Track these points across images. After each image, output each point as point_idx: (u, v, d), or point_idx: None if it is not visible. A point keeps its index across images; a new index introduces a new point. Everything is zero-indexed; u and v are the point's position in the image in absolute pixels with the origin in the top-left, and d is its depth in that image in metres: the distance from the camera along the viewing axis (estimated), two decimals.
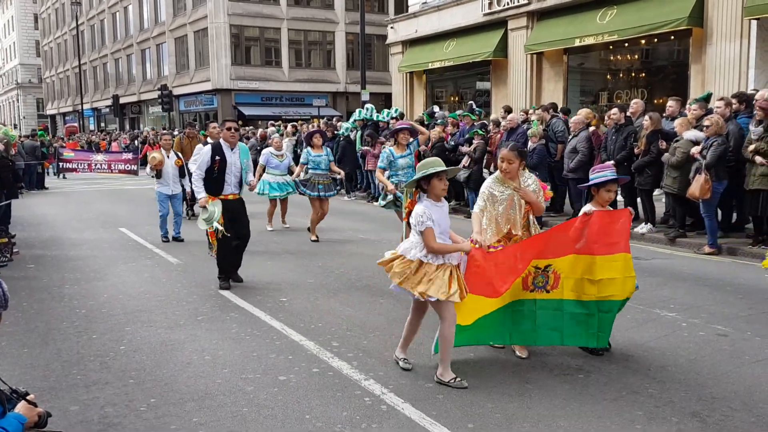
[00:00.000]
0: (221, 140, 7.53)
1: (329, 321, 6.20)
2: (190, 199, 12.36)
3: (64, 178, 26.12)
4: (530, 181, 5.21)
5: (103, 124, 54.69)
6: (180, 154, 11.33)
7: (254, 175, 8.98)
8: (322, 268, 8.55)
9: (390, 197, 9.06)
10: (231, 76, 37.07)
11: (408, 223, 4.68)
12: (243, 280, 7.74)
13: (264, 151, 12.32)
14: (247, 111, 36.97)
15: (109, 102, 48.37)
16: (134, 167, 24.88)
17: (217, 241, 7.37)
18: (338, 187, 11.53)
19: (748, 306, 6.51)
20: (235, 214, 7.53)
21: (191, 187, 10.31)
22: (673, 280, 7.67)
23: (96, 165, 24.87)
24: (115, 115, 47.35)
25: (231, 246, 7.46)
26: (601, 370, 4.86)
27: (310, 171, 10.65)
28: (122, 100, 46.55)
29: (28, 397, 2.71)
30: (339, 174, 11.32)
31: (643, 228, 10.36)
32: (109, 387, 4.67)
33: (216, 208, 7.34)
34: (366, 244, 10.30)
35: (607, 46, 17.60)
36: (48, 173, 25.88)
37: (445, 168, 4.62)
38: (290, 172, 11.79)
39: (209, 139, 9.77)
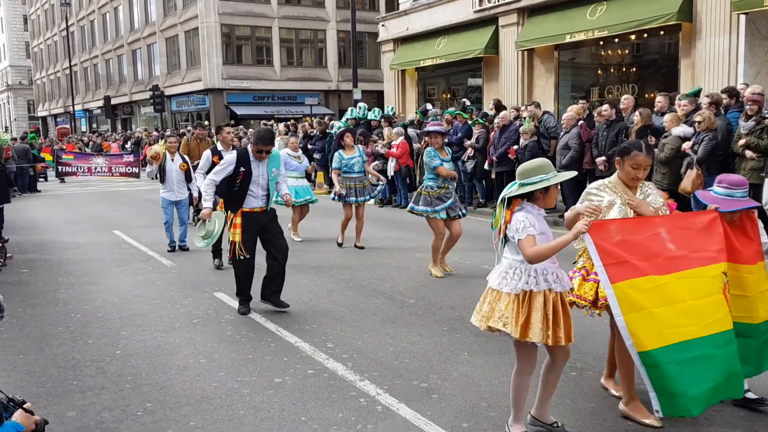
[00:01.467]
0: (249, 148, 6.48)
1: (323, 322, 6.23)
2: (197, 204, 11.66)
3: (62, 182, 25.48)
4: (651, 191, 4.21)
5: (94, 125, 54.48)
6: (186, 158, 10.61)
7: None
8: (315, 268, 8.58)
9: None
10: (222, 76, 36.99)
11: (505, 238, 3.73)
12: (288, 306, 6.63)
13: (281, 153, 11.65)
14: (240, 110, 36.91)
15: (100, 103, 48.19)
16: (136, 169, 24.63)
17: (233, 260, 6.56)
18: (376, 190, 10.39)
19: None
20: (264, 227, 6.51)
21: (198, 191, 9.79)
22: None
23: (96, 168, 24.49)
24: (107, 116, 47.18)
25: (250, 266, 6.53)
26: (594, 368, 4.91)
27: (342, 176, 9.91)
28: (114, 101, 46.38)
29: (24, 406, 2.73)
30: (379, 179, 10.53)
31: None
32: (106, 392, 4.69)
33: (216, 225, 6.79)
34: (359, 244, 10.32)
35: (598, 42, 17.65)
36: (44, 178, 25.50)
37: (568, 174, 3.85)
38: (307, 175, 11.28)
39: (219, 145, 8.80)
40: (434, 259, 8.05)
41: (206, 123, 21.12)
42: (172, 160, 10.21)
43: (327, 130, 18.20)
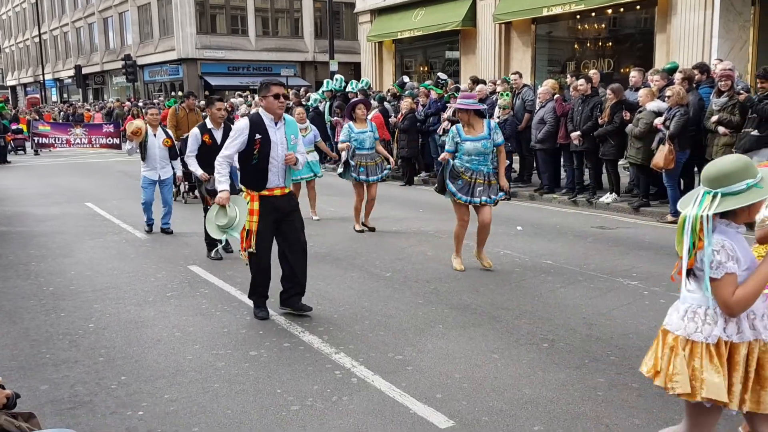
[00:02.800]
0: (261, 111, 5.47)
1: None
2: (188, 181, 10.99)
3: (37, 154, 24.18)
4: None
5: (65, 95, 53.40)
6: (170, 132, 9.60)
7: None
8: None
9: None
10: (196, 45, 36.40)
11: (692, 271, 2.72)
12: (311, 309, 5.63)
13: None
14: (214, 81, 36.40)
15: (71, 72, 47.17)
16: (117, 140, 23.78)
17: (249, 256, 5.53)
18: (387, 168, 9.45)
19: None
20: (284, 216, 5.48)
21: (182, 170, 9.23)
22: (636, 249, 7.85)
23: (75, 139, 23.52)
24: (78, 86, 46.19)
25: (266, 261, 5.54)
26: (566, 339, 5.00)
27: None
28: (85, 71, 45.35)
29: None
30: (387, 159, 9.41)
31: (608, 198, 10.54)
32: (79, 365, 4.67)
33: (237, 211, 5.49)
34: (335, 217, 10.32)
35: (574, 16, 17.66)
36: (23, 150, 24.30)
37: None
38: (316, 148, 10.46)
39: (209, 121, 7.60)
40: (457, 250, 7.17)
41: (215, 94, 20.33)
42: (155, 135, 9.14)
43: (303, 102, 18.02)
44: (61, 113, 32.67)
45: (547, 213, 10.45)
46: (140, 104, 28.90)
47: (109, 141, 23.42)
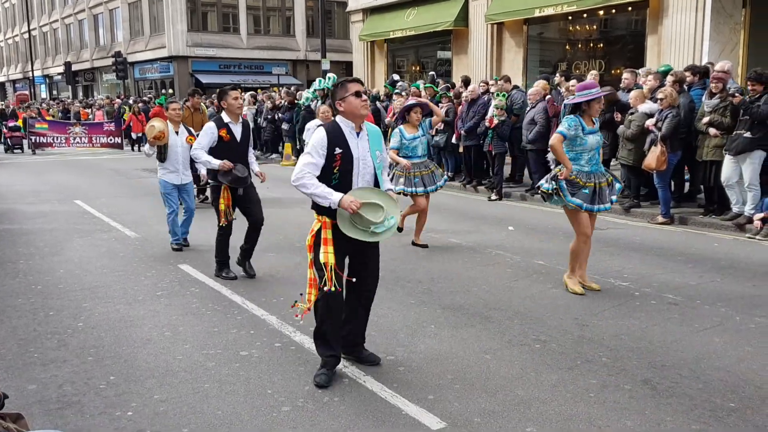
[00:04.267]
0: (339, 119, 4.29)
1: (291, 295, 6.17)
2: (196, 183, 9.88)
3: (33, 153, 22.50)
4: None
5: (55, 92, 53.06)
6: (192, 130, 8.42)
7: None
8: (283, 240, 8.53)
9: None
10: (187, 43, 36.25)
11: None
12: (380, 361, 4.63)
13: (311, 125, 9.55)
14: (205, 79, 36.25)
15: (61, 69, 46.84)
16: (118, 140, 23.05)
17: (318, 297, 4.32)
18: (446, 175, 8.84)
19: (698, 275, 6.73)
20: (359, 250, 4.39)
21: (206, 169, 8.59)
22: (626, 250, 7.86)
23: (74, 138, 22.48)
24: (68, 82, 45.85)
25: (340, 305, 4.40)
26: (557, 340, 4.99)
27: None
28: (75, 67, 45.09)
29: None
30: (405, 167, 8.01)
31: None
32: (68, 365, 4.62)
33: (385, 203, 4.24)
34: None
35: (566, 17, 17.69)
36: (20, 149, 23.08)
37: None
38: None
39: (225, 115, 6.65)
40: (572, 268, 6.29)
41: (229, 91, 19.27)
42: (176, 132, 7.98)
43: (295, 101, 17.98)
44: (60, 112, 31.51)
45: (539, 213, 10.46)
46: (131, 101, 28.65)
47: (111, 140, 22.57)
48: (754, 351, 4.74)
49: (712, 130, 8.86)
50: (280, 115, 18.74)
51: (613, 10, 16.43)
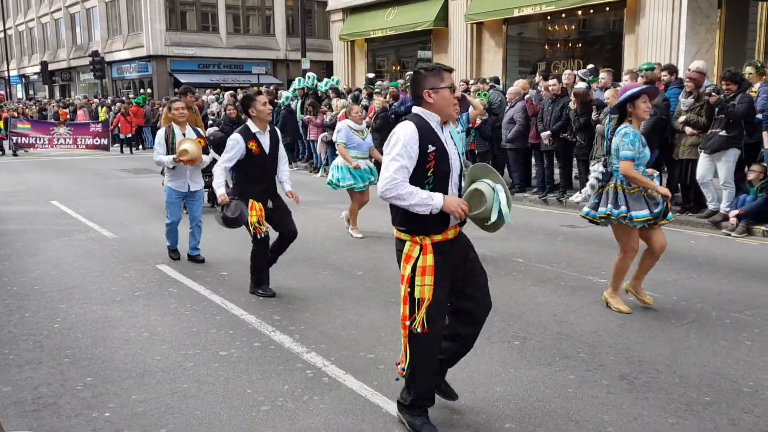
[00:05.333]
0: (422, 111, 3.50)
1: (270, 295, 6.18)
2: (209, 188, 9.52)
3: (14, 155, 21.38)
4: None
5: (31, 92, 52.37)
6: (201, 131, 7.81)
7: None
8: None
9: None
10: (166, 42, 35.94)
11: None
12: (457, 398, 3.94)
13: (341, 125, 8.72)
14: (184, 78, 35.88)
15: (37, 69, 46.27)
16: (105, 141, 22.21)
17: (410, 337, 3.61)
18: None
19: (675, 272, 6.80)
20: (460, 269, 3.67)
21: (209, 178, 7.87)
22: (606, 248, 7.91)
23: (58, 139, 21.54)
24: (44, 82, 45.34)
25: (437, 347, 3.68)
26: (537, 336, 5.02)
27: None
28: (51, 67, 44.61)
29: None
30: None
31: (578, 196, 10.63)
32: (44, 366, 4.56)
33: (497, 187, 3.61)
34: (307, 216, 10.26)
35: (545, 17, 17.81)
36: (0, 151, 22.13)
37: None
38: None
39: (251, 124, 5.96)
40: (614, 285, 5.67)
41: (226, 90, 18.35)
42: (183, 134, 7.32)
43: (275, 100, 17.91)
44: (37, 112, 30.37)
45: (518, 212, 10.51)
46: (109, 100, 28.33)
47: (97, 141, 21.75)
48: (729, 346, 4.81)
49: (688, 129, 8.96)
50: None
51: (591, 10, 16.58)
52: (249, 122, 5.96)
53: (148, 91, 33.23)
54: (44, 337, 5.14)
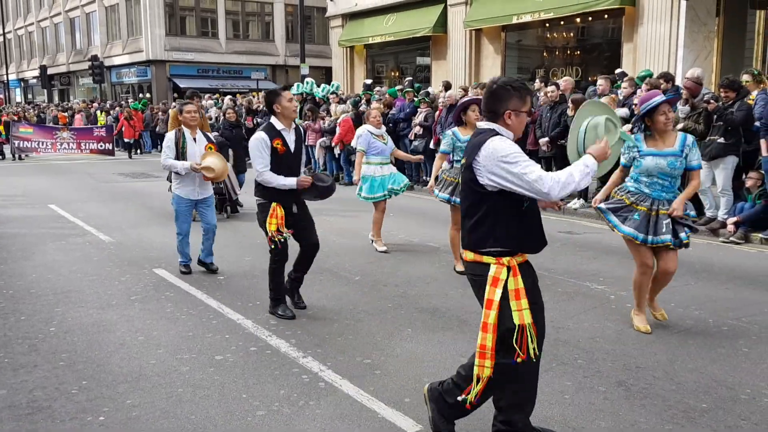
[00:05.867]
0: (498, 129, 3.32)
1: (267, 299, 6.14)
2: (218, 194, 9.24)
3: (19, 159, 21.01)
4: None
5: (30, 96, 52.37)
6: (211, 136, 7.47)
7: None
8: (259, 245, 8.47)
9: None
10: (165, 47, 35.96)
11: None
12: None
13: (361, 131, 8.29)
14: (183, 83, 35.95)
15: (36, 73, 46.28)
16: (109, 146, 21.63)
17: (517, 368, 3.28)
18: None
19: (672, 279, 6.78)
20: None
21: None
22: (603, 254, 7.93)
23: (62, 144, 20.65)
24: (43, 86, 45.29)
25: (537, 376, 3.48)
26: None
27: (444, 165, 7.31)
28: (50, 71, 44.57)
29: None
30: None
31: (575, 203, 10.64)
32: (39, 370, 4.54)
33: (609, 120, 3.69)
34: None
35: (544, 24, 17.86)
36: (1, 155, 21.66)
37: None
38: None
39: (276, 120, 5.53)
40: (638, 303, 5.37)
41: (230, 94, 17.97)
42: (194, 139, 6.95)
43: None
44: (35, 116, 30.08)
45: None
46: (108, 105, 28.32)
47: (101, 146, 21.40)
48: (726, 353, 4.80)
49: None
50: (258, 120, 18.65)
51: (590, 18, 16.62)
52: (273, 119, 5.54)
53: (147, 95, 33.23)
54: (39, 340, 5.12)
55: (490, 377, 3.26)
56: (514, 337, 3.19)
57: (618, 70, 13.16)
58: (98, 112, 27.07)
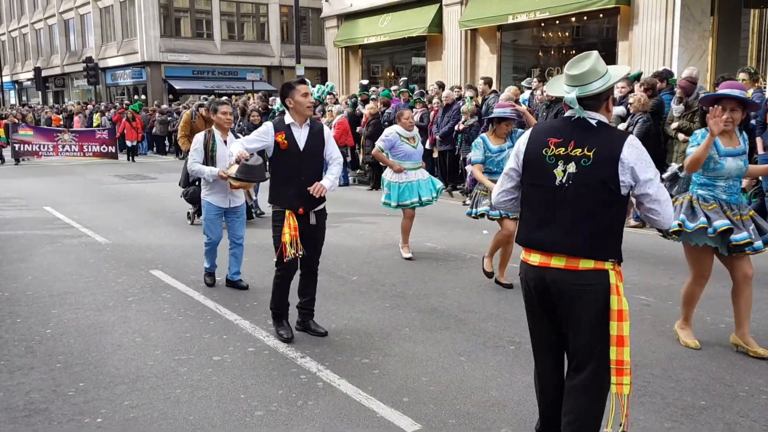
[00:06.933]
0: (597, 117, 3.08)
1: (264, 299, 6.11)
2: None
3: (17, 163, 20.39)
4: None
5: (24, 98, 52.25)
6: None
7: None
8: (256, 246, 8.46)
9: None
10: (160, 49, 35.90)
11: None
12: None
13: (389, 131, 7.80)
14: (178, 85, 35.96)
15: (30, 74, 46.15)
16: (112, 149, 21.02)
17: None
18: None
19: (669, 276, 6.81)
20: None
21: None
22: None
23: (63, 146, 20.08)
24: (38, 88, 45.25)
25: None
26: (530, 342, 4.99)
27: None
28: (45, 73, 44.49)
29: None
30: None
31: None
32: (35, 372, 4.52)
33: None
34: None
35: (539, 24, 17.88)
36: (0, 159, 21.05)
37: None
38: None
39: (288, 117, 5.05)
40: (685, 315, 5.00)
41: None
42: (225, 142, 6.38)
43: (269, 106, 17.90)
44: (36, 117, 29.08)
45: None
46: (102, 106, 28.25)
47: (104, 149, 20.84)
48: (724, 350, 4.81)
49: (681, 136, 8.99)
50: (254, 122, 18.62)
51: (585, 17, 16.64)
52: (287, 113, 5.09)
53: (143, 97, 33.17)
54: (36, 342, 5.10)
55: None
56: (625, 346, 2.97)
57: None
58: (94, 114, 26.95)
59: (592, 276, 2.94)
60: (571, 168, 2.94)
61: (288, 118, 5.06)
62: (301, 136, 5.04)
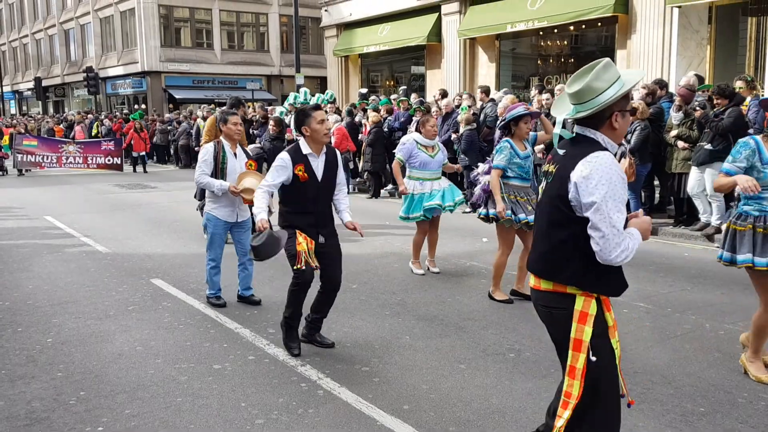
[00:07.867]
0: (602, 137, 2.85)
1: (264, 308, 6.17)
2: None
3: (21, 174, 20.12)
4: None
5: (25, 108, 52.38)
6: (250, 152, 6.80)
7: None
8: None
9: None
10: (160, 58, 36.01)
11: None
12: None
13: (406, 139, 7.59)
14: (178, 94, 36.04)
15: (31, 84, 46.26)
16: (118, 160, 20.61)
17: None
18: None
19: (668, 284, 6.83)
20: None
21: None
22: None
23: (68, 158, 19.76)
24: (38, 98, 45.33)
25: None
26: (531, 349, 5.02)
27: (506, 183, 6.23)
28: (45, 83, 44.57)
29: None
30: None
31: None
32: (36, 381, 4.53)
33: None
34: None
35: (537, 32, 17.95)
36: (3, 171, 20.78)
37: None
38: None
39: (304, 144, 4.94)
40: (755, 348, 4.40)
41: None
42: (235, 154, 6.20)
43: (269, 116, 17.94)
44: (44, 128, 28.29)
45: None
46: (102, 116, 28.30)
47: (109, 161, 20.35)
48: (723, 357, 4.82)
49: (680, 143, 9.03)
50: (254, 131, 18.67)
51: (583, 26, 16.72)
52: (301, 141, 4.93)
53: (143, 107, 33.25)
54: (37, 351, 5.11)
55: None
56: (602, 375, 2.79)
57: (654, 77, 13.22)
58: (94, 124, 26.94)
59: (555, 298, 2.83)
60: (543, 185, 2.92)
61: (305, 148, 4.90)
62: (319, 166, 4.93)
